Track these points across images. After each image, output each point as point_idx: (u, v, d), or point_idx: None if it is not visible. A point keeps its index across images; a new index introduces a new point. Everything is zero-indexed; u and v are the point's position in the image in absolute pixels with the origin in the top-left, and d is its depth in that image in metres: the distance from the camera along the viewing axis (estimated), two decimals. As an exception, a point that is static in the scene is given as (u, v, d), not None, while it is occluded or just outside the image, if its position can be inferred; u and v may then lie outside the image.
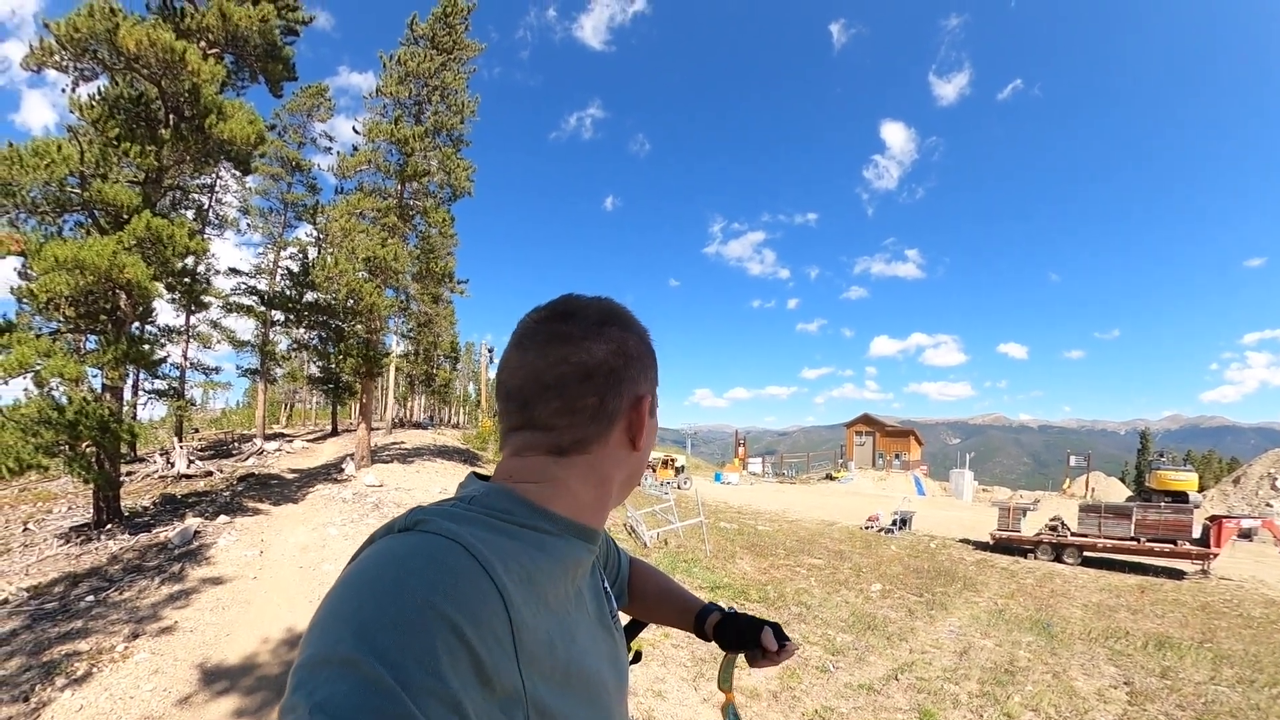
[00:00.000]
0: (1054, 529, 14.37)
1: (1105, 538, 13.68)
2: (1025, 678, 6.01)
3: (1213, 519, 13.10)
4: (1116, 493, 30.89)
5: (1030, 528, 15.25)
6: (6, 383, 7.59)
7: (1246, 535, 16.80)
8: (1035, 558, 14.11)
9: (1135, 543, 13.33)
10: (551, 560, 0.62)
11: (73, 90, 8.85)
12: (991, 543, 15.19)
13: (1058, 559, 13.90)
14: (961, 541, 16.31)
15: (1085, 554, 13.86)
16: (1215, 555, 12.64)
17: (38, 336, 8.11)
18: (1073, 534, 14.16)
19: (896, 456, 43.01)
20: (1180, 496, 17.94)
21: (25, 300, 8.16)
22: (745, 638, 1.06)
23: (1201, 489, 25.05)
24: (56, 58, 8.53)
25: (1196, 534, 13.08)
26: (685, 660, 5.66)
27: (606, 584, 0.84)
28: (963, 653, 6.81)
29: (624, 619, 1.03)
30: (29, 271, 8.22)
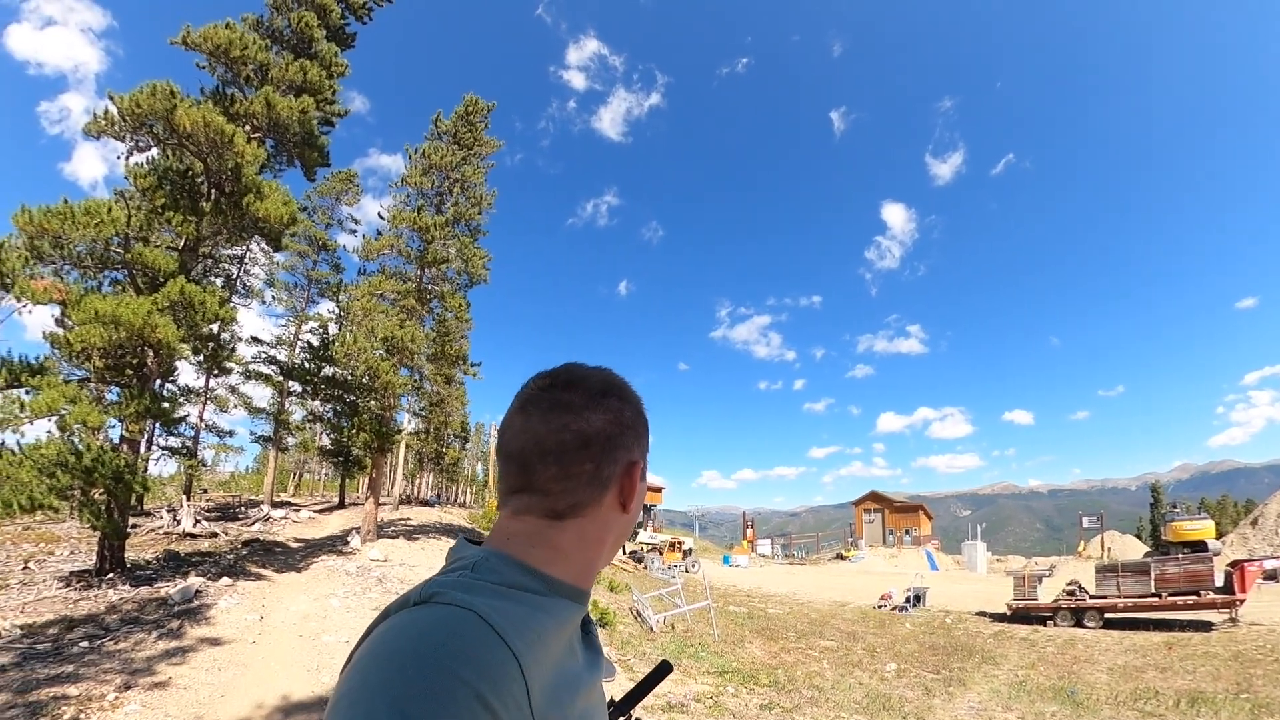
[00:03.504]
0: (1072, 593, 13.99)
1: (1126, 597, 13.31)
2: (1050, 746, 5.78)
3: (1234, 564, 12.82)
4: (1133, 550, 29.78)
5: (1047, 594, 14.83)
6: (31, 423, 7.90)
7: (1272, 576, 16.41)
8: (1055, 624, 13.67)
9: (1157, 599, 12.95)
10: (553, 622, 0.64)
11: (127, 158, 9.73)
12: (1009, 613, 14.73)
13: (1078, 624, 13.47)
14: (978, 614, 15.82)
15: (1106, 616, 13.42)
16: (1242, 601, 12.27)
17: (66, 382, 8.49)
18: (1091, 596, 13.79)
19: (907, 532, 41.81)
20: (1198, 546, 17.44)
21: (59, 347, 8.61)
22: None
23: (1219, 535, 24.27)
24: (116, 127, 9.47)
25: (1219, 582, 12.73)
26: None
27: (592, 625, 0.87)
28: (984, 728, 6.58)
29: (619, 691, 1.09)
30: (66, 320, 8.72)
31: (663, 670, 1.10)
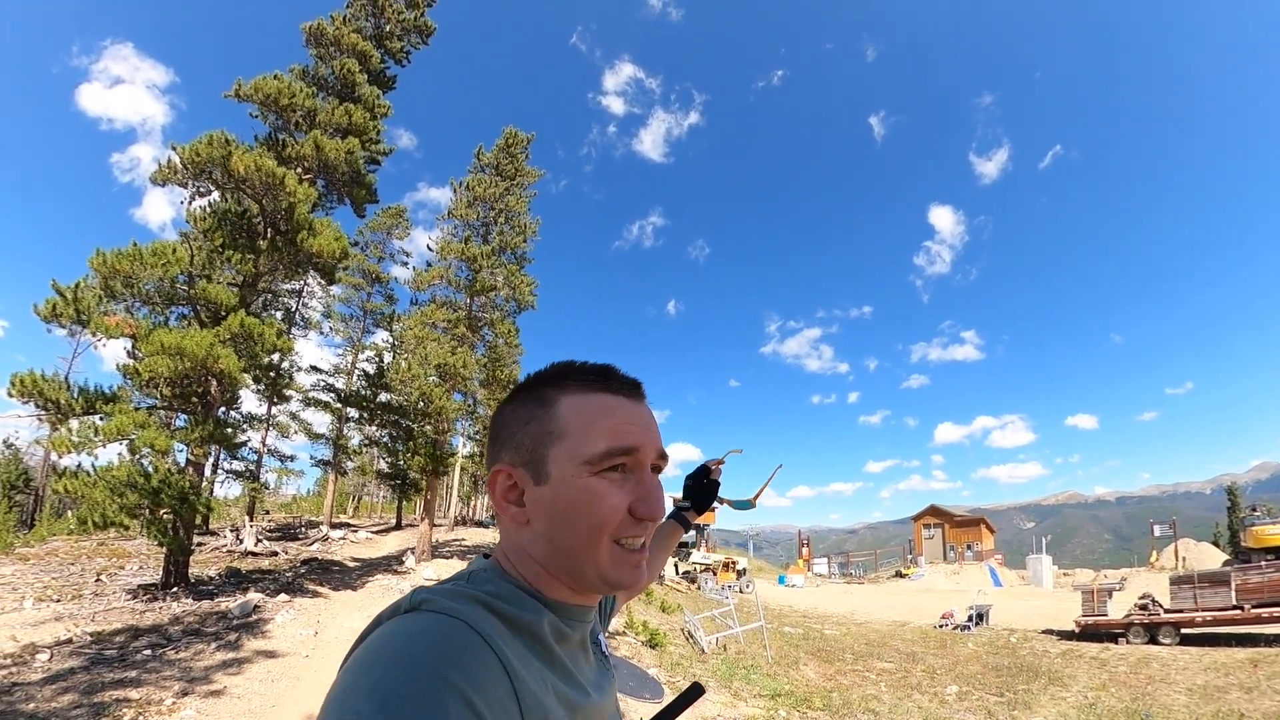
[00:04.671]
0: (1144, 608, 13.12)
1: (1204, 610, 12.41)
2: (1117, 771, 5.43)
3: (1325, 571, 11.78)
4: (1211, 559, 27.39)
5: (1119, 609, 13.94)
6: (104, 446, 8.63)
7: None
8: (1127, 642, 12.83)
9: (1239, 611, 12.02)
10: (531, 631, 0.64)
11: (190, 203, 10.64)
12: (1077, 630, 13.90)
13: (1153, 640, 12.61)
14: (1044, 632, 14.99)
15: (1183, 631, 12.54)
16: None
17: (136, 409, 9.23)
18: (1166, 611, 12.92)
19: (968, 547, 39.84)
20: (1284, 551, 15.95)
21: (130, 377, 9.40)
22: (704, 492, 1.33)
23: (1307, 538, 21.92)
24: (179, 176, 10.38)
25: None
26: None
27: (605, 646, 0.85)
28: (1047, 752, 6.26)
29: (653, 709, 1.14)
30: (136, 352, 9.52)
31: (693, 693, 1.02)
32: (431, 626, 0.56)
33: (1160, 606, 13.04)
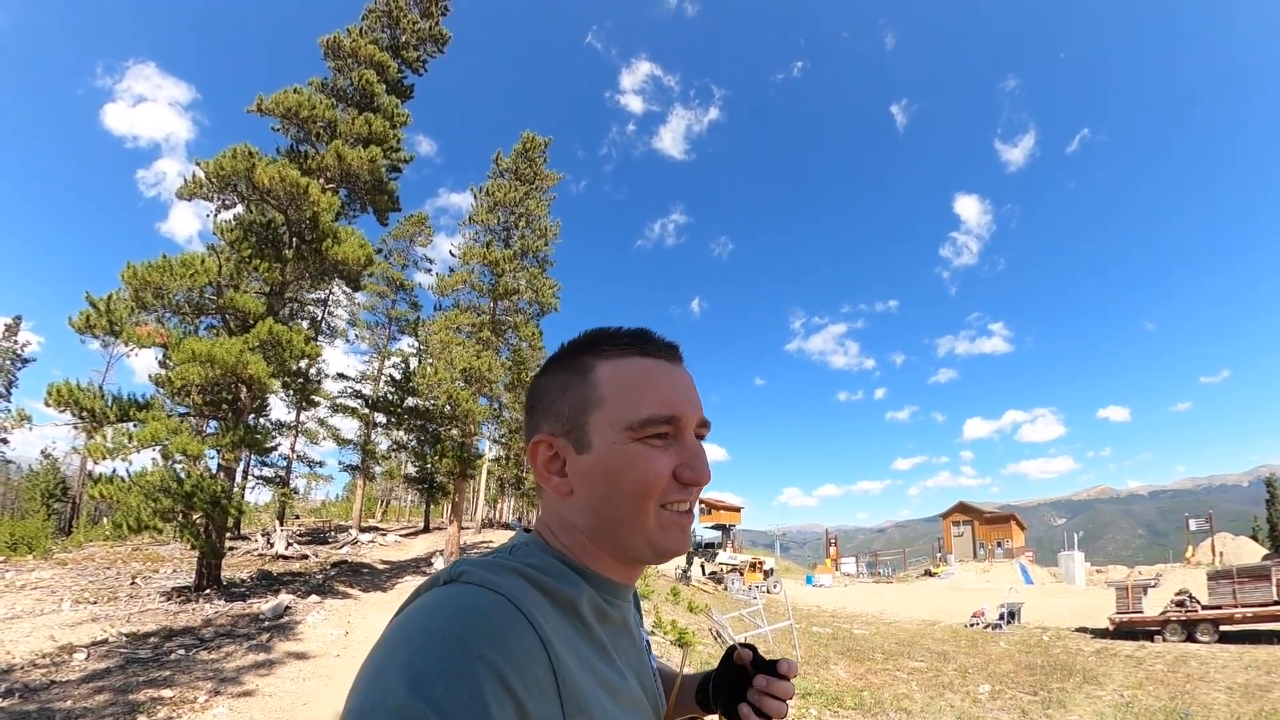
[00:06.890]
0: (1181, 604, 12.80)
1: (1243, 606, 12.07)
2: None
3: (1370, 563, 11.34)
4: (1249, 553, 26.47)
5: (1154, 606, 13.61)
6: (138, 452, 8.93)
7: None
8: (1164, 639, 12.56)
9: None
10: (573, 606, 0.62)
11: (216, 215, 10.97)
12: (1111, 628, 13.68)
13: (1190, 638, 12.32)
14: (1078, 630, 14.77)
15: (1222, 628, 12.22)
16: None
17: (168, 416, 9.54)
18: (1204, 607, 12.59)
19: (998, 545, 39.02)
20: (1327, 544, 15.39)
21: (162, 386, 9.71)
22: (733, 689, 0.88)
23: (1352, 529, 21.11)
24: (204, 189, 10.70)
25: None
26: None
27: (646, 639, 0.82)
28: (1080, 749, 6.14)
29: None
30: (168, 361, 9.83)
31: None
32: (469, 600, 0.54)
33: (1198, 603, 12.73)
